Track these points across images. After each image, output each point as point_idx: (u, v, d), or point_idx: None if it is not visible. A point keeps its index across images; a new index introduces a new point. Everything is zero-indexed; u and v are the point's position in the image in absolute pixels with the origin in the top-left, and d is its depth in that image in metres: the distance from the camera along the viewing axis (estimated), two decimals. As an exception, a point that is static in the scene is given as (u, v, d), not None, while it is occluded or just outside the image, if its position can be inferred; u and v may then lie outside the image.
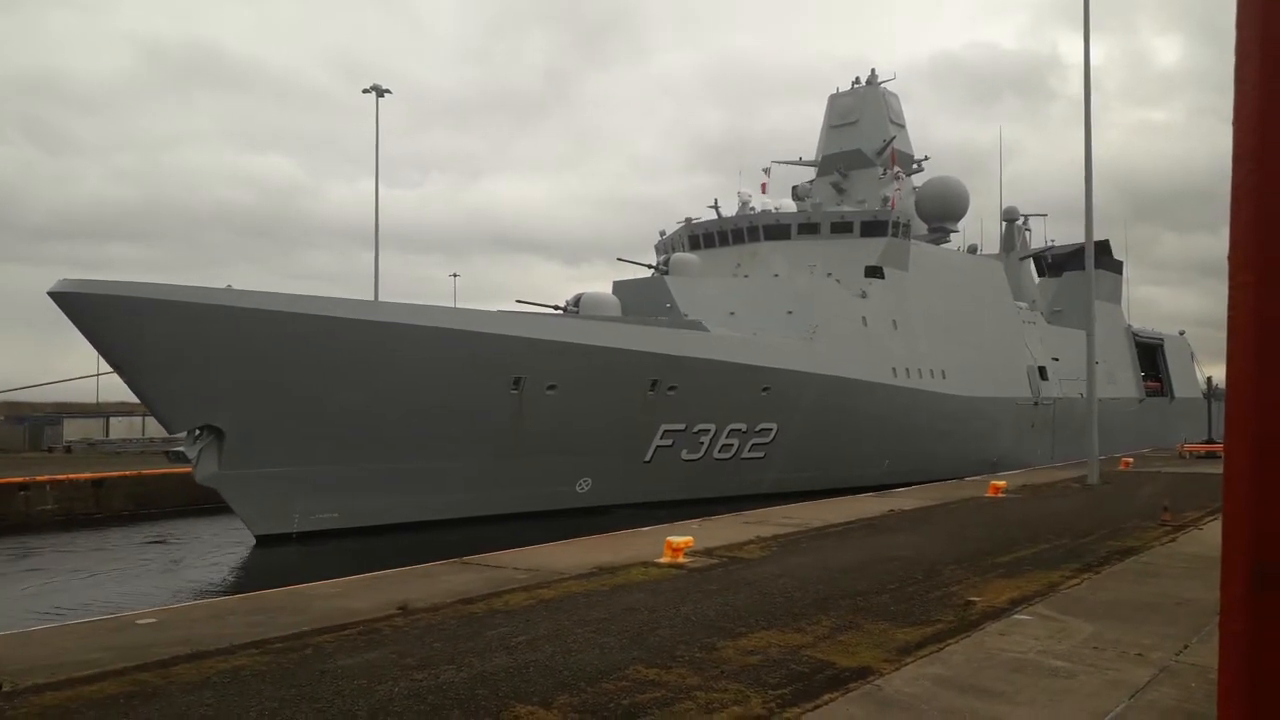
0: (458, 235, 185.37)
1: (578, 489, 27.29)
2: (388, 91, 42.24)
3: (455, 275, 77.87)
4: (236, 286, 21.94)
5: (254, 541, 22.99)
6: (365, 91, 41.98)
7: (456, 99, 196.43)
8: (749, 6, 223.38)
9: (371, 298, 38.07)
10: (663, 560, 13.13)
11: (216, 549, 23.36)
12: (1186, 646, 8.60)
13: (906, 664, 7.97)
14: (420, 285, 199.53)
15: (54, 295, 20.19)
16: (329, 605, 10.55)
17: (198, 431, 22.35)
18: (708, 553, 13.88)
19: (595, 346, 25.98)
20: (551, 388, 25.30)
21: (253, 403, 21.73)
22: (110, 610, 12.77)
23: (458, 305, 30.93)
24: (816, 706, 6.85)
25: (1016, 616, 9.79)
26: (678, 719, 6.59)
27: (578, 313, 30.97)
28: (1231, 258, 1.23)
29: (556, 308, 32.53)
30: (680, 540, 13.49)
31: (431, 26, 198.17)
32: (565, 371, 25.32)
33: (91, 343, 21.02)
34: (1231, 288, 1.23)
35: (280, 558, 21.88)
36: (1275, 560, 1.15)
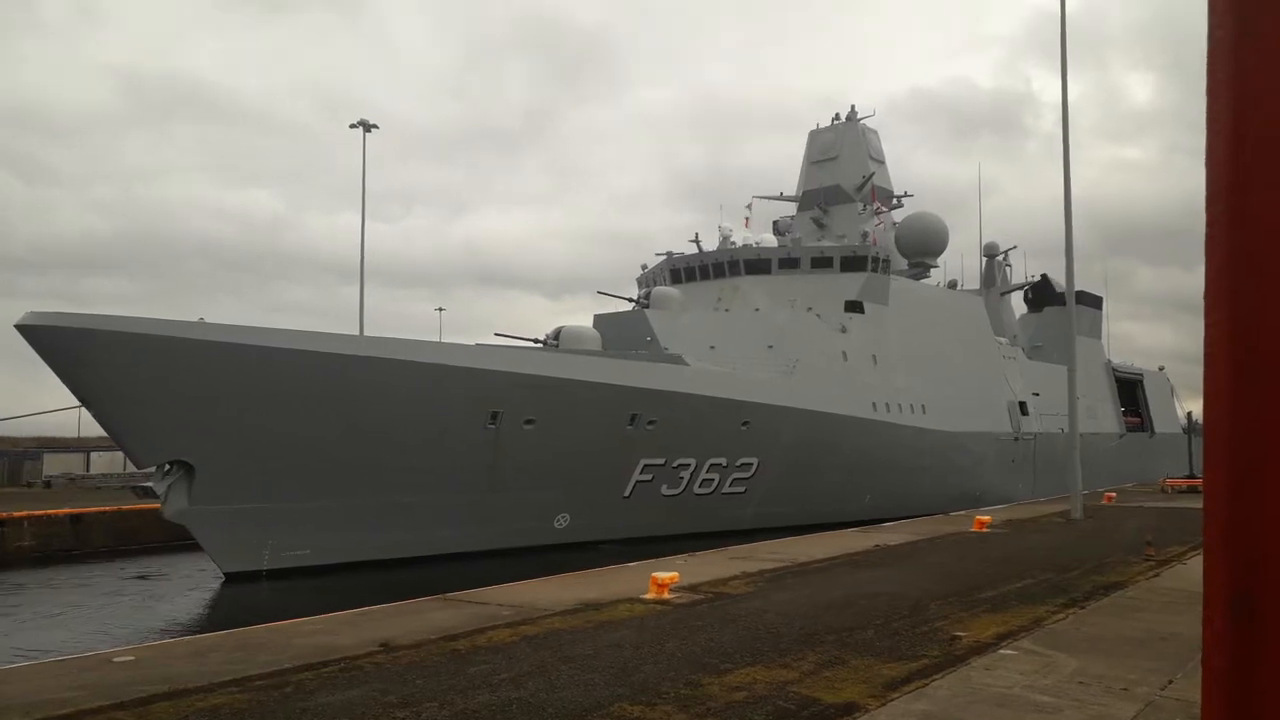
0: (441, 269, 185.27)
1: (556, 525, 26.96)
2: (375, 127, 42.44)
3: (440, 309, 78.16)
4: (216, 320, 21.76)
5: (223, 578, 22.55)
6: (353, 126, 42.17)
7: (436, 132, 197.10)
8: (726, 40, 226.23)
9: (355, 331, 37.94)
10: (648, 596, 13.06)
11: (196, 587, 22.95)
12: (1171, 681, 8.60)
13: (892, 700, 7.94)
14: (404, 320, 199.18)
15: (21, 328, 19.87)
16: (310, 642, 10.42)
17: (167, 466, 21.96)
18: (693, 588, 13.82)
19: (573, 380, 25.78)
20: (529, 422, 25.04)
21: (223, 437, 21.37)
22: (84, 648, 12.57)
23: (442, 339, 30.83)
24: (802, 743, 6.81)
25: (1002, 652, 9.78)
26: (663, 756, 6.53)
27: (557, 346, 30.86)
28: (1207, 295, 1.26)
29: (536, 341, 32.40)
30: (666, 576, 13.42)
31: (408, 56, 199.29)
32: (543, 405, 25.08)
33: (59, 376, 20.64)
34: (1207, 325, 1.26)
35: (252, 595, 21.52)
36: (1257, 594, 1.17)
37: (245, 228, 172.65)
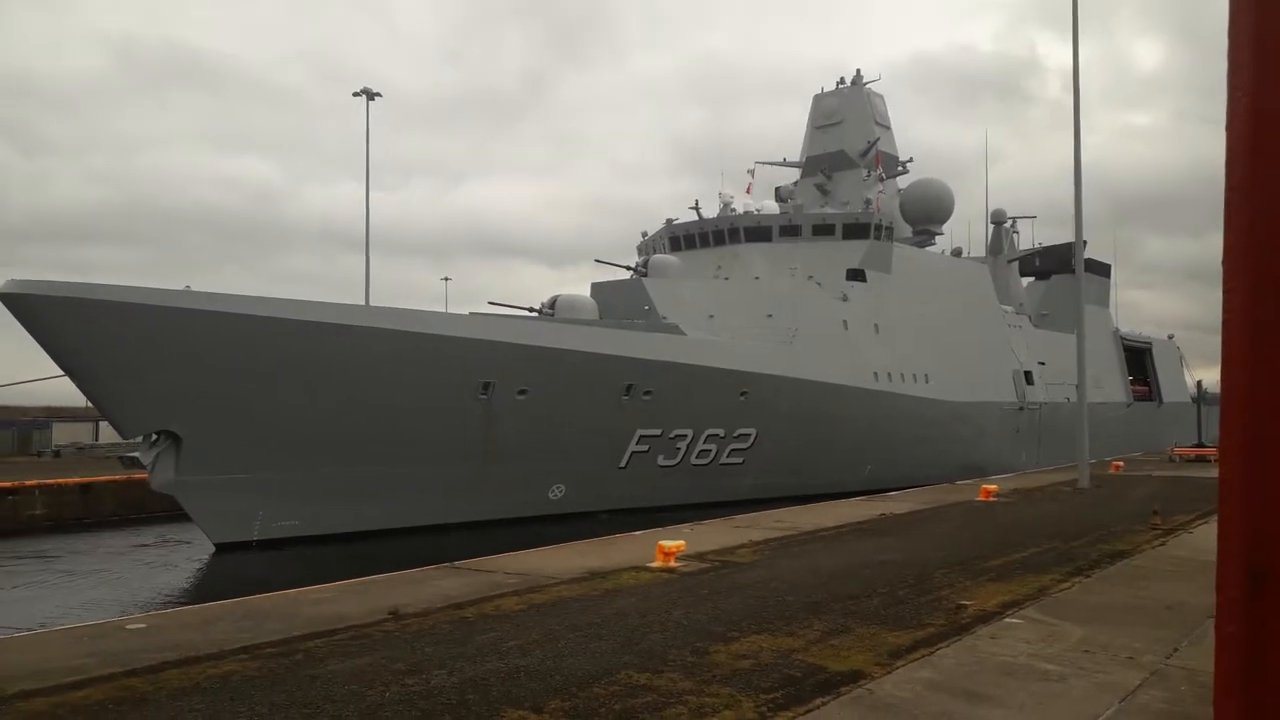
0: (442, 239, 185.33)
1: (551, 496, 26.84)
2: (378, 95, 42.16)
3: (447, 279, 77.87)
4: (220, 291, 21.59)
5: (213, 549, 22.46)
6: (356, 95, 41.91)
7: (434, 100, 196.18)
8: (723, 6, 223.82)
9: (360, 301, 37.90)
10: (654, 564, 13.12)
11: (190, 558, 22.91)
12: (1176, 650, 8.62)
13: (898, 668, 7.97)
14: (408, 289, 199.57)
15: (2, 297, 19.58)
16: (319, 610, 10.50)
17: (154, 437, 21.83)
18: (699, 557, 13.87)
19: (566, 350, 25.52)
20: (522, 392, 24.84)
21: (210, 407, 21.18)
22: (97, 615, 12.69)
23: (449, 309, 30.69)
24: (808, 711, 6.84)
25: (1008, 620, 9.81)
26: (669, 724, 6.58)
27: (553, 315, 30.56)
28: (1225, 264, 1.24)
29: (531, 310, 32.10)
30: (672, 544, 13.48)
31: (404, 24, 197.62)
32: (536, 376, 24.87)
33: (42, 346, 20.33)
34: (1225, 293, 1.24)
35: (254, 566, 21.57)
36: (1270, 562, 1.15)
37: (244, 197, 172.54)
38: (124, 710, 6.89)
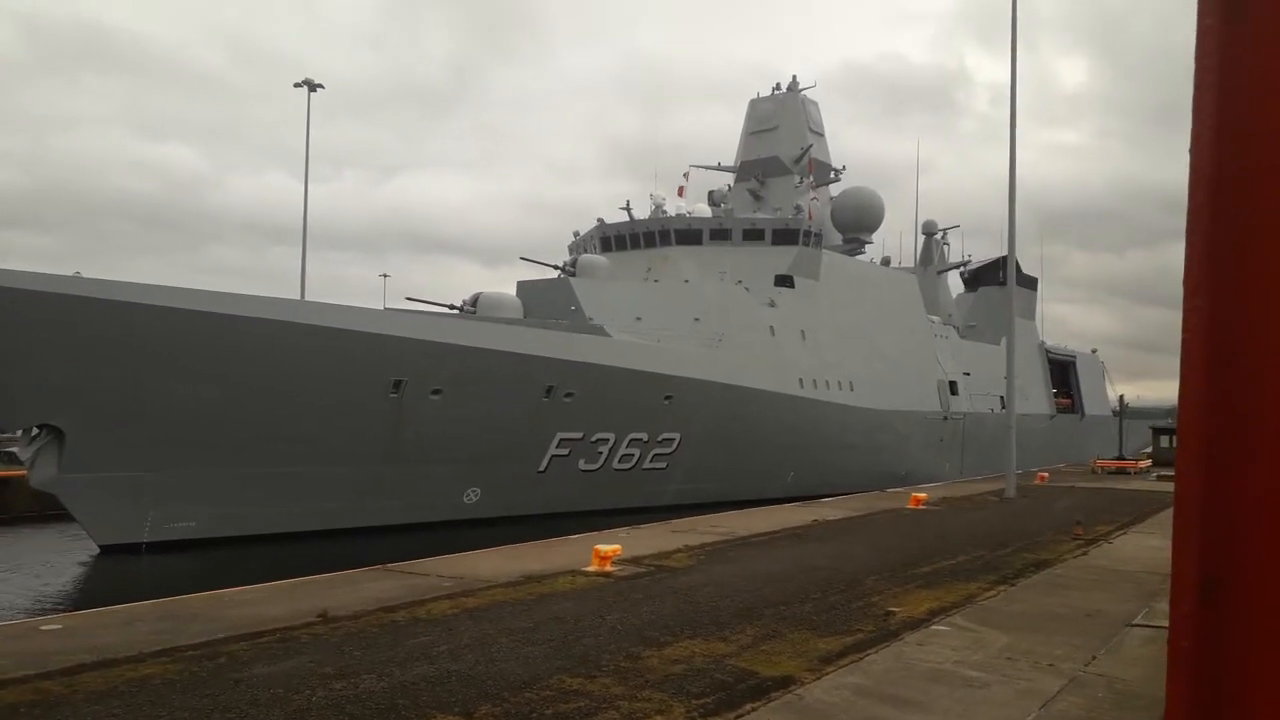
0: (374, 233, 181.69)
1: (465, 499, 26.05)
2: (320, 86, 41.34)
3: (386, 276, 76.62)
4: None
5: (97, 551, 21.17)
6: (297, 85, 41.00)
7: (359, 88, 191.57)
8: (651, 6, 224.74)
9: (296, 296, 37.06)
10: (590, 568, 13.10)
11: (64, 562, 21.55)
12: (1095, 657, 8.89)
13: (827, 673, 8.08)
14: (342, 285, 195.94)
15: None
16: (244, 612, 10.27)
17: (35, 430, 20.58)
18: (635, 561, 13.89)
19: (482, 349, 24.70)
20: (436, 392, 24.01)
21: (97, 400, 19.95)
22: (11, 615, 12.23)
23: (387, 307, 29.88)
24: (738, 716, 6.90)
25: (934, 627, 10.01)
26: (601, 729, 6.57)
27: (474, 313, 29.81)
28: (1186, 282, 1.28)
29: (452, 307, 31.31)
30: (608, 548, 13.48)
31: (322, 5, 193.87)
32: (450, 375, 24.05)
33: None
34: (1186, 311, 1.27)
35: (144, 568, 20.44)
36: (1221, 577, 1.20)
37: (166, 184, 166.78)
38: (37, 714, 6.66)
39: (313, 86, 41.04)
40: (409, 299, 34.17)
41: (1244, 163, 1.22)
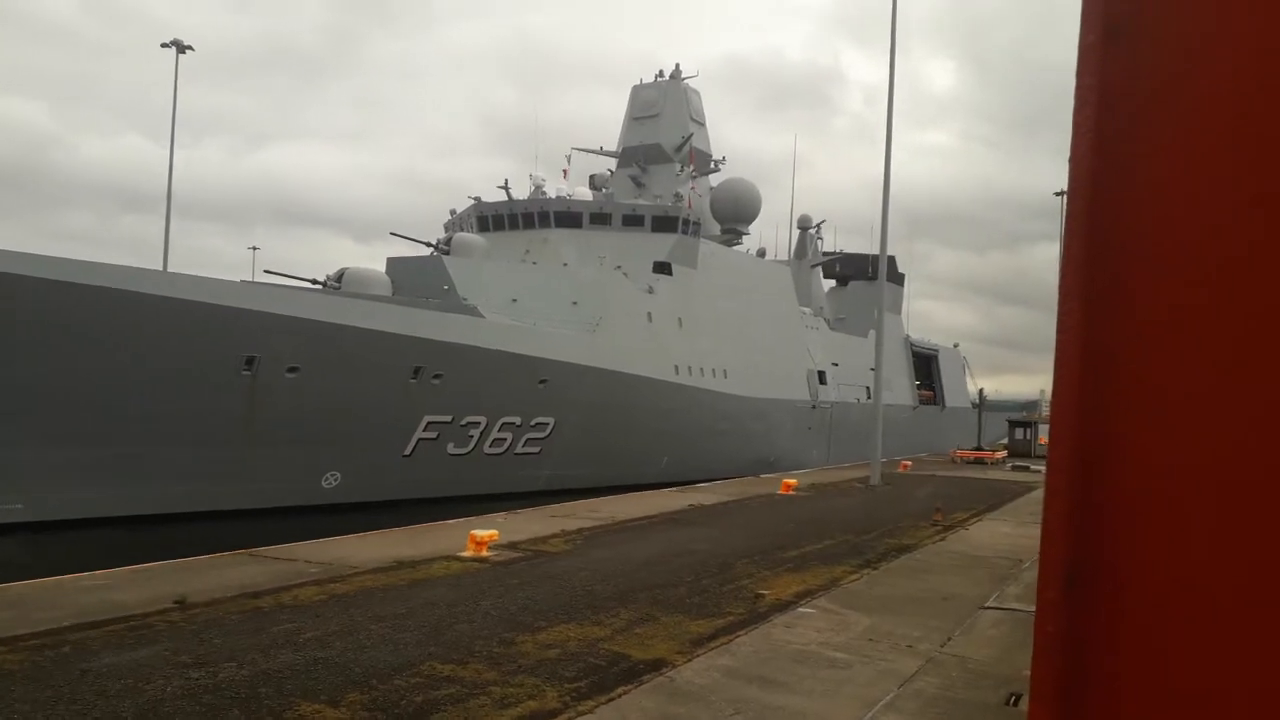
0: (240, 204, 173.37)
1: (324, 484, 24.87)
2: (190, 48, 39.24)
3: (255, 249, 73.06)
4: None
5: None
6: (164, 46, 38.78)
7: (226, 49, 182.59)
8: None
9: (152, 267, 34.99)
10: (466, 554, 12.94)
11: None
12: (950, 639, 9.34)
13: (698, 655, 8.23)
14: (208, 257, 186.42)
15: None
16: (92, 599, 9.70)
17: None
18: (512, 546, 13.81)
19: (344, 326, 23.59)
20: (292, 370, 22.88)
21: None
22: None
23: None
24: (610, 699, 6.95)
25: (801, 610, 10.32)
26: (471, 715, 6.51)
27: (338, 289, 28.60)
28: (1061, 286, 1.34)
29: (315, 282, 29.97)
30: (484, 534, 13.34)
31: None
32: (308, 352, 22.89)
33: None
34: (1061, 313, 1.34)
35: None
36: (1085, 563, 1.27)
37: (10, 141, 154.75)
38: None
39: (181, 48, 38.86)
40: (268, 272, 32.58)
41: (1119, 174, 1.29)
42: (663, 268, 35.78)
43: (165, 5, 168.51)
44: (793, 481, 25.18)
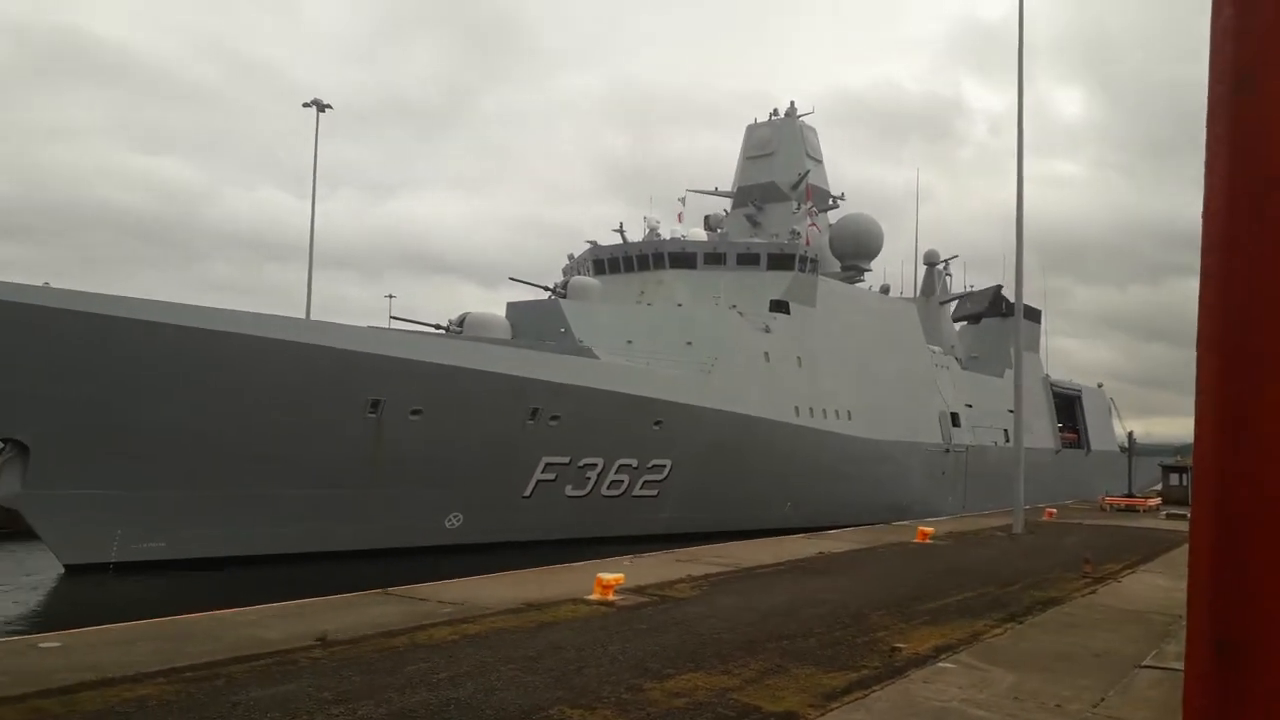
0: (371, 252, 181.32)
1: (448, 525, 25.36)
2: (329, 107, 41.65)
3: (391, 296, 76.70)
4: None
5: (62, 570, 20.58)
6: (306, 106, 41.32)
7: (351, 104, 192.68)
8: (643, 29, 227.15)
9: (295, 314, 36.92)
10: (592, 597, 13.00)
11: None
12: (1103, 699, 8.75)
13: (832, 710, 7.97)
14: (345, 304, 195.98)
15: None
16: (244, 634, 10.20)
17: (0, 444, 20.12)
18: (638, 590, 13.78)
19: (464, 369, 24.12)
20: (416, 412, 23.46)
21: (63, 414, 19.45)
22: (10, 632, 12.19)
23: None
24: (740, 752, 6.80)
25: (940, 664, 9.88)
26: (600, 762, 6.49)
27: (460, 333, 29.31)
28: (1200, 339, 1.28)
29: (438, 327, 30.85)
30: (611, 577, 13.37)
31: (309, 19, 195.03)
32: (431, 395, 23.47)
33: None
34: (1200, 371, 1.28)
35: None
36: (1237, 635, 1.17)
37: (159, 198, 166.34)
38: (31, 734, 6.61)
39: (321, 107, 41.33)
40: (394, 318, 33.96)
41: (1253, 226, 1.22)
42: (780, 306, 35.26)
43: (296, 64, 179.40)
44: (929, 529, 24.27)
